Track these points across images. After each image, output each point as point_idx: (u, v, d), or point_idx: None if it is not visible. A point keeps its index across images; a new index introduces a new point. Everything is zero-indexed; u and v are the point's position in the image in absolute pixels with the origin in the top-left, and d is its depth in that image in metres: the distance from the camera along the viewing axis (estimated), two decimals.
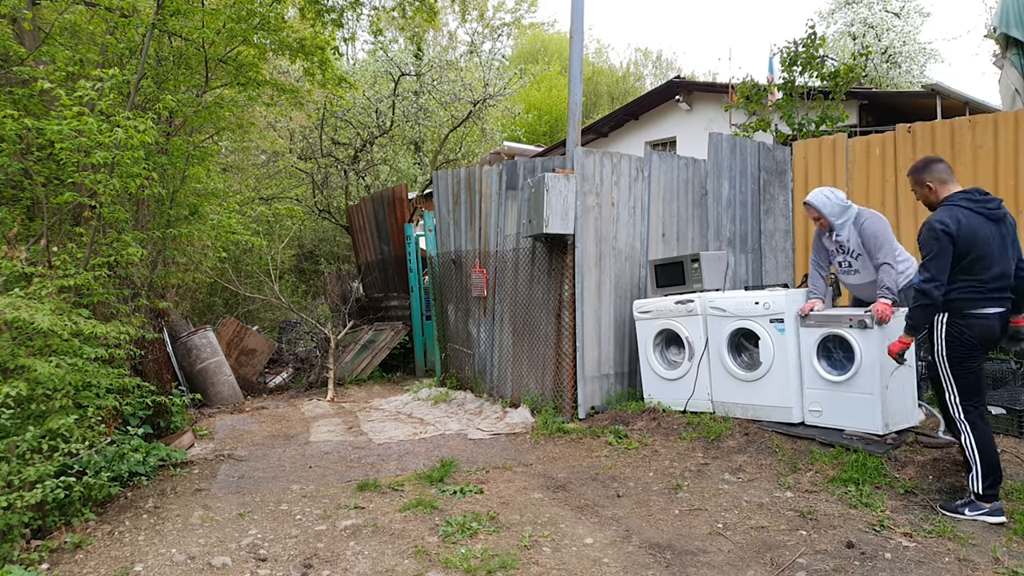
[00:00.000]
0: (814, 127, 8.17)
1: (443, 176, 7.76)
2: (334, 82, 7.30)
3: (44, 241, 4.39)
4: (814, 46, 8.44)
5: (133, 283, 5.25)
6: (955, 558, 3.17)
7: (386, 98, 13.32)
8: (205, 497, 4.28)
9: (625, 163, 6.12)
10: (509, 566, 3.18)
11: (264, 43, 6.17)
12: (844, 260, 4.74)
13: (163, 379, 6.11)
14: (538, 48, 28.25)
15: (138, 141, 4.20)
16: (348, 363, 9.21)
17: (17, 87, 4.91)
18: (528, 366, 6.31)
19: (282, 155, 13.42)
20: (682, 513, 3.88)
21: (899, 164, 6.32)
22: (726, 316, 5.21)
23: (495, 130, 15.49)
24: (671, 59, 32.69)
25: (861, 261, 4.64)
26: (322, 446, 5.62)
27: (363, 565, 3.25)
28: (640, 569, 3.19)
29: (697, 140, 10.26)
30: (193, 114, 5.48)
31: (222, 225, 5.88)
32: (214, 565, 3.26)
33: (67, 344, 3.77)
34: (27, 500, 3.18)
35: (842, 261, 4.75)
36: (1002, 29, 7.16)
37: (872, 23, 19.31)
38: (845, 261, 4.74)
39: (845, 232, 4.65)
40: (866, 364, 4.48)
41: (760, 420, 5.04)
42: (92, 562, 3.30)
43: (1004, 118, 5.82)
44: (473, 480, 4.52)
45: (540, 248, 6.12)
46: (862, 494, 3.90)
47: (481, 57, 15.62)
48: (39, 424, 3.48)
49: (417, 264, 9.70)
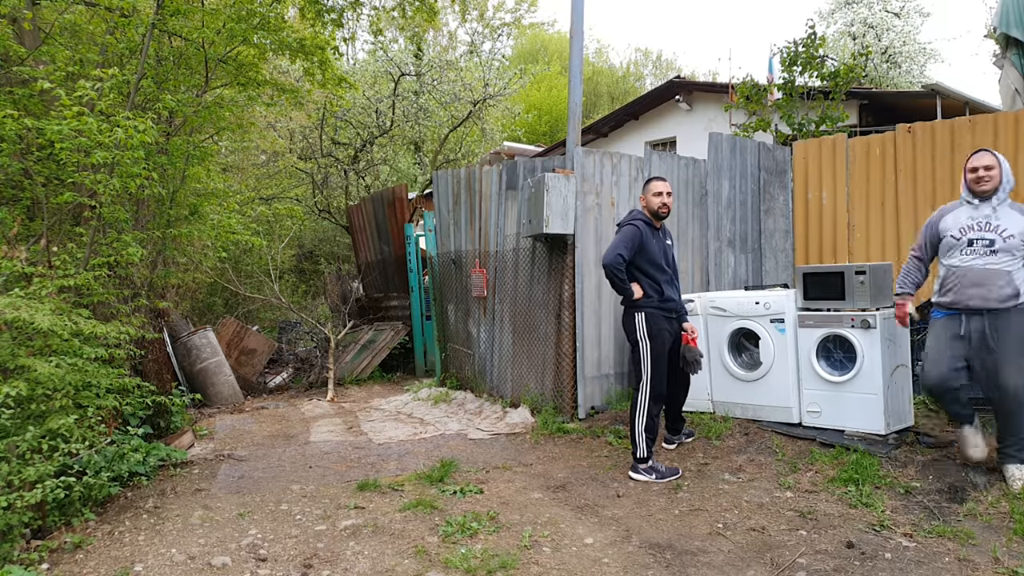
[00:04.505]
0: (814, 127, 8.17)
1: (443, 176, 7.76)
2: (334, 82, 7.29)
3: (44, 241, 4.39)
4: (814, 46, 8.44)
5: (133, 283, 5.25)
6: (955, 558, 3.17)
7: (386, 98, 13.32)
8: (205, 497, 4.28)
9: (625, 163, 6.13)
10: (509, 566, 3.18)
11: (264, 43, 6.16)
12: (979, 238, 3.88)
13: (163, 379, 6.11)
14: (538, 48, 28.24)
15: (138, 141, 4.20)
16: (348, 363, 9.21)
17: (17, 87, 4.90)
18: (528, 366, 6.30)
19: (282, 155, 13.41)
20: (682, 513, 3.88)
21: (899, 164, 6.32)
22: (726, 316, 5.21)
23: (495, 130, 15.48)
24: (671, 59, 32.71)
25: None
26: (322, 446, 5.62)
27: (363, 565, 3.25)
28: (640, 569, 3.19)
29: (697, 140, 10.25)
30: (193, 114, 5.47)
31: (222, 225, 5.88)
32: (214, 565, 3.26)
33: (67, 344, 3.76)
34: (27, 500, 3.18)
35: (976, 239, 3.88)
36: (1002, 29, 7.15)
37: (872, 23, 19.31)
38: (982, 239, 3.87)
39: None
40: (868, 364, 4.48)
41: (760, 420, 5.05)
42: (92, 562, 3.30)
43: (1004, 118, 5.82)
44: (473, 480, 4.52)
45: (540, 248, 6.11)
46: (862, 494, 3.90)
47: (481, 57, 15.61)
48: (39, 424, 3.48)
49: (417, 264, 9.69)
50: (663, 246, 4.64)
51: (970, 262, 3.85)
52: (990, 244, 3.80)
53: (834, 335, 4.67)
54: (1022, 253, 3.79)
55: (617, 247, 4.43)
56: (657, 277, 4.51)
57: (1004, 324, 3.77)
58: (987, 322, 3.80)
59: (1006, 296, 3.77)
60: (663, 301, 4.53)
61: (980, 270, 3.81)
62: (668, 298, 4.56)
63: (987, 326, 3.80)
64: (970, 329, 3.84)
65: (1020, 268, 3.80)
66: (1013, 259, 3.78)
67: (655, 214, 4.58)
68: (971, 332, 3.83)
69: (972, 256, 3.84)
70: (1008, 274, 3.77)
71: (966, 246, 3.87)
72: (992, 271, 3.79)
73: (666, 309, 4.56)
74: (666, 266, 4.61)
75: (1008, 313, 3.77)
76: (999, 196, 3.84)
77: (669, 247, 4.71)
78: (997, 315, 3.78)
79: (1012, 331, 3.76)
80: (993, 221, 3.82)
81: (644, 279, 4.51)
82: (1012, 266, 3.78)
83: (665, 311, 4.55)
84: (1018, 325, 3.76)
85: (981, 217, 3.85)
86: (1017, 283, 3.77)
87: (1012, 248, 3.76)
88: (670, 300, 4.57)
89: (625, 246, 4.43)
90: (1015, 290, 3.76)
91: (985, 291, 3.79)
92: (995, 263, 3.78)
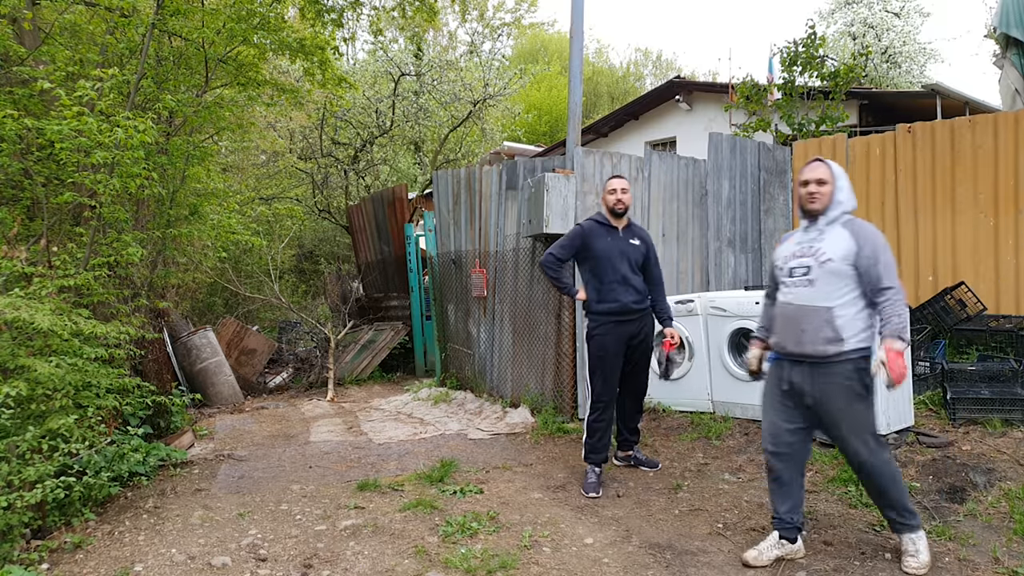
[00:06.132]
0: (814, 127, 8.17)
1: (443, 176, 7.76)
2: (334, 82, 7.29)
3: (44, 241, 4.39)
4: (814, 46, 8.45)
5: (133, 283, 5.25)
6: (955, 558, 3.17)
7: (386, 98, 13.32)
8: (205, 497, 4.28)
9: (625, 163, 6.13)
10: (509, 566, 3.18)
11: (264, 43, 6.16)
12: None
13: (163, 379, 6.11)
14: (538, 48, 28.23)
15: (138, 141, 4.20)
16: (348, 363, 9.21)
17: (17, 87, 4.90)
18: (528, 366, 6.31)
19: (282, 155, 13.41)
20: (682, 513, 3.88)
21: (899, 164, 6.32)
22: (726, 316, 5.21)
23: (495, 130, 15.48)
24: (671, 59, 32.69)
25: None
26: (322, 446, 5.62)
27: (363, 565, 3.25)
28: (640, 569, 3.19)
29: (697, 140, 10.25)
30: (193, 114, 5.47)
31: (222, 225, 5.88)
32: (214, 565, 3.26)
33: (67, 344, 3.76)
34: (27, 500, 3.18)
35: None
36: (1002, 29, 7.16)
37: (872, 23, 19.30)
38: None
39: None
40: None
41: (760, 420, 5.04)
42: (92, 562, 3.30)
43: (1004, 118, 5.82)
44: (473, 480, 4.52)
45: (540, 248, 6.11)
46: (862, 494, 3.90)
47: (481, 57, 15.60)
48: (39, 424, 3.48)
49: (417, 264, 9.69)
50: (623, 246, 4.33)
51: (789, 297, 3.03)
52: (806, 272, 2.97)
53: None
54: (849, 283, 2.90)
55: (554, 246, 4.46)
56: (602, 278, 4.30)
57: (824, 380, 2.90)
58: (806, 376, 2.95)
59: (824, 340, 2.88)
60: (607, 303, 4.28)
61: (795, 307, 2.98)
62: (613, 300, 4.27)
63: (806, 381, 2.95)
64: (792, 382, 3.02)
65: (849, 303, 2.89)
66: (835, 291, 2.90)
67: (612, 211, 4.35)
68: (792, 386, 3.02)
69: (791, 288, 3.03)
70: (828, 312, 2.88)
71: (787, 276, 3.07)
72: (807, 309, 2.93)
73: (611, 312, 4.28)
74: (626, 267, 4.29)
75: (829, 366, 2.89)
76: (828, 215, 3.01)
77: (636, 247, 4.36)
78: (816, 367, 2.92)
79: (834, 390, 2.89)
80: (816, 244, 3.00)
81: (590, 280, 4.38)
82: (834, 300, 2.89)
83: (609, 314, 4.28)
84: (842, 382, 2.87)
85: (807, 241, 3.06)
86: (839, 323, 2.86)
87: (832, 275, 2.90)
88: (615, 303, 4.27)
89: (561, 245, 4.44)
90: (835, 333, 2.86)
91: (798, 334, 2.95)
92: (811, 297, 2.93)
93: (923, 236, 6.18)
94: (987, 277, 5.81)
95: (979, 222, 5.87)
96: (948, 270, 6.02)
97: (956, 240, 5.99)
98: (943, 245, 6.07)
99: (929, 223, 6.15)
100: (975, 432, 4.40)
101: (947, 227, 6.05)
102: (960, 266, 5.95)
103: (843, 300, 2.89)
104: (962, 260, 5.95)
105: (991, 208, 5.82)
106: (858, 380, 2.89)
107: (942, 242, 6.08)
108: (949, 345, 5.52)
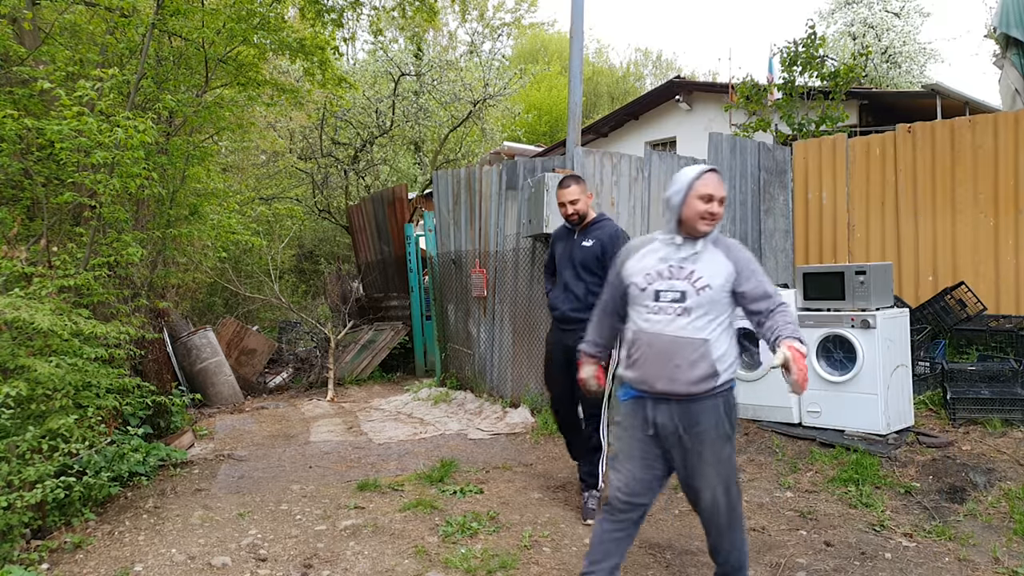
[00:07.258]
0: (814, 127, 8.18)
1: (443, 176, 7.76)
2: (334, 82, 7.29)
3: (44, 241, 4.39)
4: (814, 46, 8.45)
5: (133, 283, 5.25)
6: (955, 558, 3.17)
7: (386, 98, 13.32)
8: (205, 497, 4.28)
9: (625, 163, 6.13)
10: (509, 566, 3.18)
11: (264, 43, 6.15)
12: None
13: (163, 379, 6.11)
14: (538, 48, 28.23)
15: (138, 141, 4.20)
16: (348, 363, 9.21)
17: (17, 87, 4.90)
18: (528, 366, 6.30)
19: (282, 155, 13.41)
20: (682, 513, 3.88)
21: (899, 164, 6.32)
22: None
23: (495, 130, 15.48)
24: (671, 59, 32.70)
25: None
26: (322, 446, 5.62)
27: (363, 565, 3.26)
28: (640, 569, 3.19)
29: (697, 140, 10.25)
30: (193, 114, 5.47)
31: (222, 225, 5.88)
32: (214, 565, 3.26)
33: (67, 344, 3.76)
34: (27, 500, 3.18)
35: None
36: (1002, 29, 7.16)
37: (872, 23, 19.31)
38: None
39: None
40: (868, 364, 4.48)
41: (760, 420, 5.05)
42: (92, 562, 3.30)
43: (1004, 118, 5.82)
44: (473, 480, 4.52)
45: (540, 248, 6.11)
46: (862, 494, 3.90)
47: (481, 57, 15.61)
48: (39, 424, 3.48)
49: (417, 264, 9.69)
50: (573, 249, 4.01)
51: (657, 326, 2.59)
52: (679, 299, 2.57)
53: (834, 335, 4.67)
54: (725, 311, 2.60)
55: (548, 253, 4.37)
56: (553, 282, 4.20)
57: (694, 420, 2.55)
58: (675, 416, 2.57)
59: (698, 377, 2.54)
60: (551, 310, 4.12)
61: (669, 339, 2.57)
62: (553, 307, 4.07)
63: (676, 419, 2.57)
64: (656, 421, 2.61)
65: (723, 334, 2.58)
66: (712, 321, 2.56)
67: (567, 222, 4.10)
68: (658, 426, 2.61)
69: (659, 315, 2.59)
70: (704, 344, 2.54)
71: (651, 300, 2.62)
72: (681, 342, 2.55)
73: (554, 319, 4.09)
74: (569, 272, 3.99)
75: (701, 402, 2.56)
76: (712, 234, 2.63)
77: (586, 248, 3.95)
78: (688, 404, 2.56)
79: (706, 434, 2.55)
80: (689, 265, 2.59)
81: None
82: (710, 331, 2.55)
83: (554, 321, 4.09)
84: (713, 423, 2.56)
85: (676, 260, 2.61)
86: (714, 357, 2.54)
87: (711, 303, 2.54)
88: (555, 309, 4.05)
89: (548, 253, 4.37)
90: (711, 368, 2.54)
91: (672, 370, 2.55)
92: (686, 329, 2.55)
93: (923, 236, 6.18)
94: (987, 277, 5.81)
95: (979, 222, 5.87)
96: (948, 270, 6.02)
97: (956, 240, 5.99)
98: (943, 245, 6.07)
99: (929, 223, 6.15)
100: (975, 432, 4.40)
101: (947, 227, 6.05)
102: (960, 266, 5.96)
103: (719, 331, 2.57)
104: (962, 260, 5.95)
105: (991, 208, 5.82)
106: (727, 419, 2.61)
107: (942, 242, 6.08)
108: (949, 345, 5.53)
